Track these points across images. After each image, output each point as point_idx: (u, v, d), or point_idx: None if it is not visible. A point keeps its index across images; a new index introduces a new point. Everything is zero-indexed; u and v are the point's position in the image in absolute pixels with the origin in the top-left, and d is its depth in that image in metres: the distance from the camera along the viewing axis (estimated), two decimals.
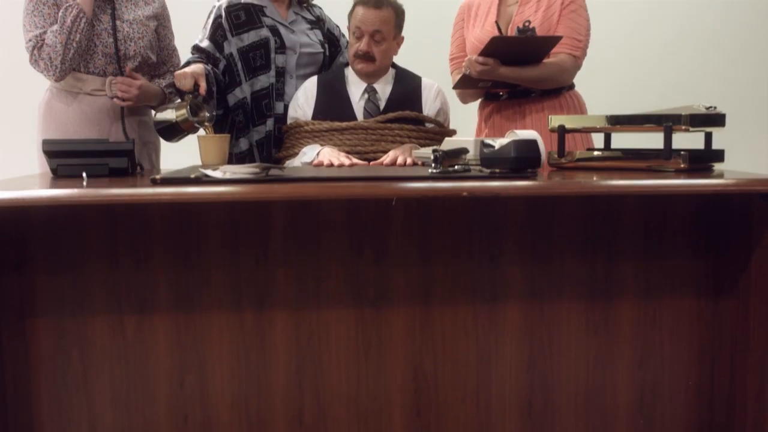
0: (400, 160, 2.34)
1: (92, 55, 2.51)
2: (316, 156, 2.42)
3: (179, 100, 2.45)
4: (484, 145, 1.97)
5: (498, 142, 1.93)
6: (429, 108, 2.62)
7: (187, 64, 2.58)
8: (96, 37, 2.51)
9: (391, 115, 2.54)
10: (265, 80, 2.67)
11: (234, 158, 2.66)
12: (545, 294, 2.03)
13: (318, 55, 2.76)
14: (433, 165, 1.90)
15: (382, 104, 2.58)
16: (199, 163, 2.45)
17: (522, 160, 1.86)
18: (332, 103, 2.58)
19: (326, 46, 2.80)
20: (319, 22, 2.83)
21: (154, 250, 1.96)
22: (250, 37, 2.66)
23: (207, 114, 2.43)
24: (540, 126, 2.56)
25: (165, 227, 1.95)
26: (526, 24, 2.44)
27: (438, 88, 2.66)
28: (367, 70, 2.58)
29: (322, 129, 2.53)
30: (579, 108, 2.66)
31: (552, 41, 2.48)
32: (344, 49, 2.85)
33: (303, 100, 2.62)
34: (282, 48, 2.67)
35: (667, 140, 2.05)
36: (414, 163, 2.35)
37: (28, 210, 1.93)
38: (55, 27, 2.44)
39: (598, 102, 2.85)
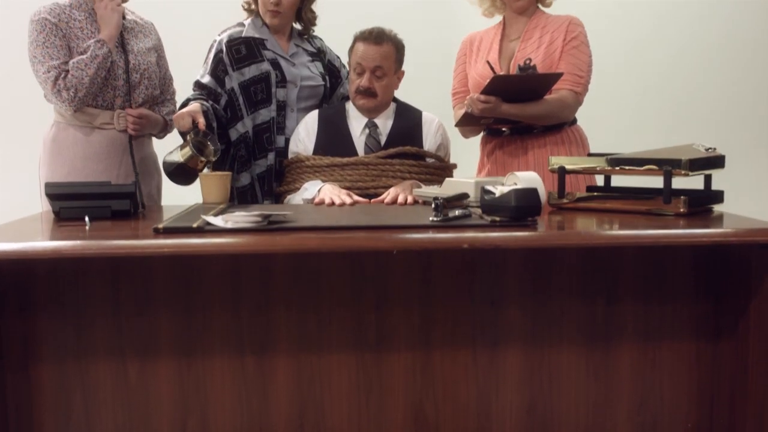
0: (400, 199, 2.35)
1: (102, 89, 2.53)
2: (317, 193, 2.43)
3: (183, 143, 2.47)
4: (484, 191, 1.98)
5: (498, 190, 1.94)
6: (430, 143, 2.63)
7: (186, 102, 2.60)
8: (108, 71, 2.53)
9: (391, 150, 2.55)
10: (266, 114, 2.69)
11: (236, 192, 2.68)
12: (545, 337, 2.04)
13: (319, 88, 2.77)
14: (433, 213, 1.92)
15: (383, 139, 2.60)
16: (201, 197, 2.47)
17: (522, 209, 1.88)
18: (333, 137, 2.59)
19: (327, 78, 2.81)
20: (320, 54, 2.84)
21: (156, 295, 1.97)
22: (251, 71, 2.68)
23: (213, 148, 2.43)
24: (542, 161, 2.58)
25: (167, 273, 1.97)
26: (527, 62, 2.45)
27: (438, 122, 2.67)
28: (369, 106, 2.59)
29: (323, 164, 2.54)
30: (581, 143, 2.67)
31: (553, 78, 2.49)
32: (345, 80, 2.86)
33: (304, 135, 2.63)
34: (283, 81, 2.69)
35: (667, 185, 2.07)
36: (415, 201, 2.36)
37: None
38: (84, 59, 2.46)
39: (602, 114, 2.83)
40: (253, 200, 2.72)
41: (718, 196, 2.22)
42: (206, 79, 2.68)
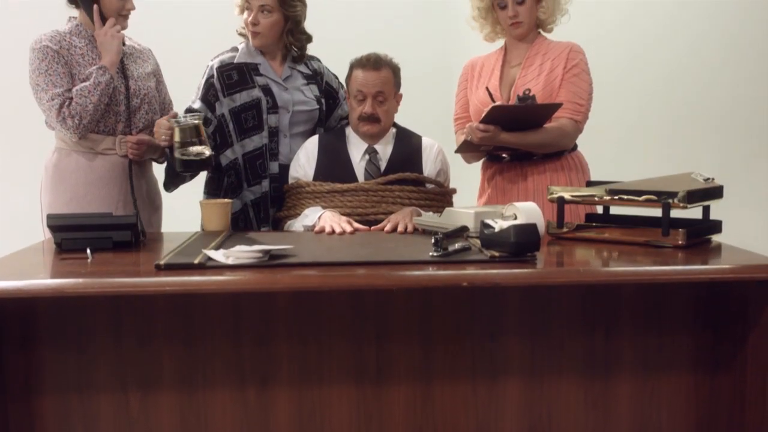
0: (400, 228, 2.37)
1: (104, 114, 2.54)
2: (318, 220, 2.44)
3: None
4: (484, 225, 2.00)
5: (498, 225, 1.96)
6: (429, 168, 2.64)
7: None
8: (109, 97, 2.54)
9: (391, 176, 2.56)
10: (257, 140, 2.69)
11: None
12: (544, 369, 2.05)
13: (313, 112, 2.78)
14: (433, 248, 1.93)
15: (383, 165, 2.61)
16: (202, 224, 2.48)
17: (521, 245, 1.89)
18: (333, 163, 2.61)
19: (323, 101, 2.81)
20: (316, 76, 2.83)
21: (157, 329, 1.99)
22: (242, 98, 2.68)
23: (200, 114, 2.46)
24: (541, 188, 2.59)
25: (168, 306, 1.98)
26: (526, 92, 2.47)
27: (438, 148, 2.69)
28: (373, 132, 2.60)
29: (323, 190, 2.56)
30: (581, 169, 2.68)
31: (552, 108, 2.50)
32: (343, 101, 2.87)
33: (304, 160, 2.64)
34: (274, 108, 2.69)
35: (665, 217, 2.08)
36: (415, 229, 2.37)
37: None
38: (87, 86, 2.46)
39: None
40: (246, 226, 2.72)
41: (717, 226, 2.23)
42: (197, 105, 2.69)
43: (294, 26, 2.73)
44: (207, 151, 2.36)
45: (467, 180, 2.91)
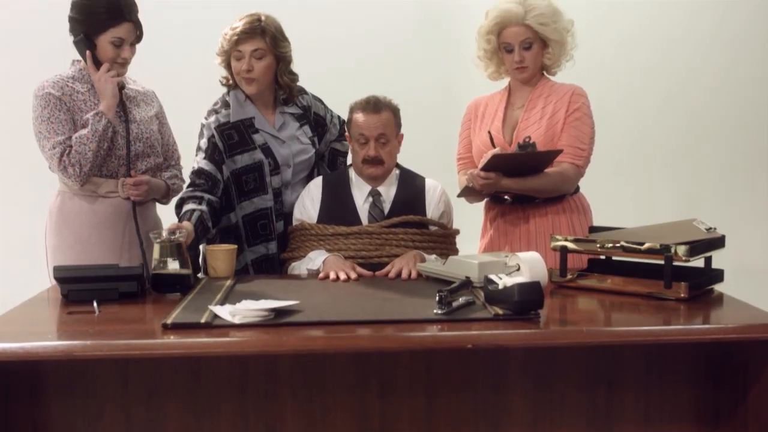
0: (404, 274, 2.38)
1: (106, 159, 2.55)
2: (322, 265, 2.46)
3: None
4: (487, 280, 2.01)
5: (501, 281, 1.97)
6: (433, 210, 2.66)
7: (181, 204, 2.59)
8: (111, 141, 2.55)
9: (395, 220, 2.58)
10: (259, 202, 2.69)
11: None
12: (547, 423, 2.06)
13: (311, 158, 2.79)
14: (437, 305, 1.94)
15: (386, 207, 2.62)
16: (207, 270, 2.49)
17: (525, 303, 1.90)
18: (336, 205, 2.62)
19: (316, 139, 2.82)
20: (306, 113, 2.83)
21: (163, 382, 2.00)
22: (243, 160, 2.67)
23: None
24: (543, 230, 2.61)
25: (175, 364, 1.99)
26: (527, 139, 2.48)
27: (441, 190, 2.70)
28: (377, 174, 2.62)
29: (327, 233, 2.57)
30: (583, 212, 2.69)
31: (553, 155, 2.52)
32: (330, 125, 2.89)
33: (309, 203, 2.65)
34: (276, 168, 2.69)
35: (667, 271, 2.10)
36: (419, 275, 2.39)
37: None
38: (85, 134, 2.48)
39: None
40: None
41: (718, 276, 2.25)
42: (206, 165, 2.65)
43: (285, 67, 2.73)
44: (185, 271, 2.26)
45: (470, 218, 2.93)
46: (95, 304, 2.08)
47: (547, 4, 2.61)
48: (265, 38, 2.62)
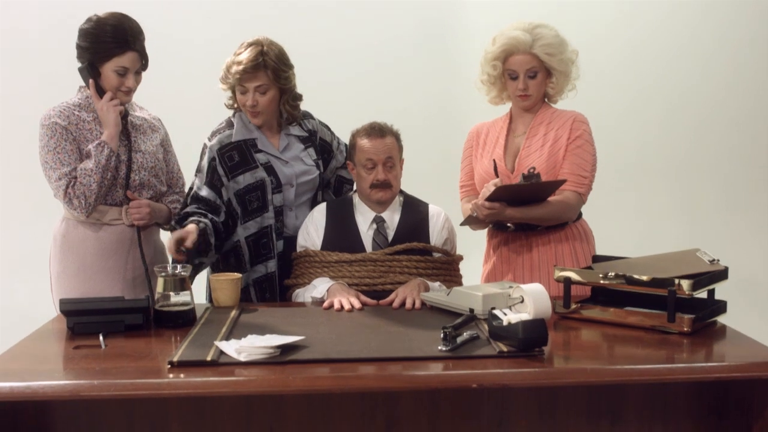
0: (408, 304, 2.39)
1: (110, 187, 2.56)
2: (327, 293, 2.47)
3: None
4: (492, 316, 2.02)
5: (506, 318, 1.98)
6: (436, 237, 2.66)
7: (185, 216, 2.59)
8: (115, 170, 2.56)
9: (399, 247, 2.58)
10: (261, 221, 2.70)
11: None
12: None
13: (315, 180, 2.80)
14: (442, 342, 1.95)
15: (390, 234, 2.63)
16: (212, 299, 2.50)
17: (529, 341, 1.91)
18: (341, 232, 2.63)
19: (320, 162, 2.83)
20: (312, 137, 2.84)
21: (169, 420, 2.01)
22: (245, 179, 2.68)
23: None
24: (546, 258, 2.62)
25: (181, 400, 2.00)
26: (531, 170, 2.49)
27: (445, 216, 2.70)
28: (386, 198, 2.63)
29: (331, 260, 2.58)
30: (585, 239, 2.70)
31: (556, 185, 2.53)
32: (336, 151, 2.91)
33: (312, 230, 2.66)
34: (278, 187, 2.70)
35: (671, 305, 2.11)
36: (423, 304, 2.40)
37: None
38: (89, 165, 2.48)
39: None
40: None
41: (722, 308, 2.26)
42: (205, 192, 2.66)
43: (288, 95, 2.74)
44: (188, 306, 2.27)
45: (473, 242, 2.94)
46: (101, 338, 2.09)
47: (554, 34, 2.61)
48: (267, 72, 2.62)
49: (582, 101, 2.78)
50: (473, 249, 2.93)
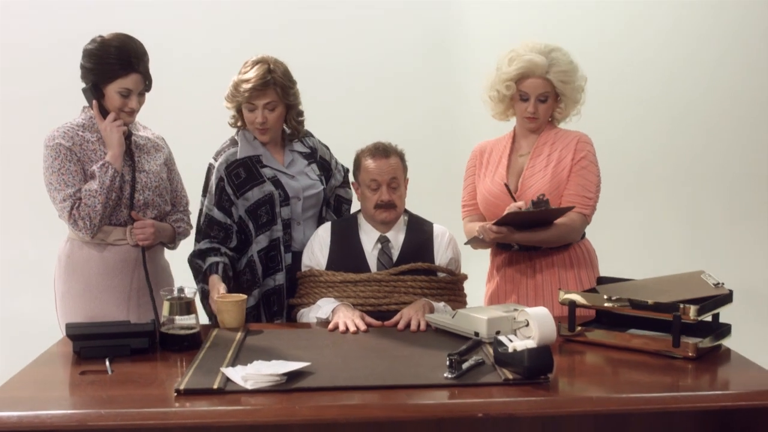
0: (413, 326, 2.40)
1: (115, 207, 2.56)
2: (332, 314, 2.47)
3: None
4: (498, 342, 2.03)
5: (511, 345, 1.98)
6: (441, 257, 2.67)
7: (202, 254, 2.63)
8: (120, 190, 2.56)
9: (403, 267, 2.59)
10: (270, 234, 2.70)
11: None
12: None
13: (320, 194, 2.81)
14: (448, 369, 1.96)
15: (395, 254, 2.63)
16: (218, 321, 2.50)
17: (535, 369, 1.92)
18: (346, 252, 2.64)
19: (323, 178, 2.84)
20: (314, 154, 2.85)
21: None
22: (254, 195, 2.68)
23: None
24: (550, 280, 2.63)
25: (187, 429, 2.00)
26: (541, 197, 2.48)
27: (450, 236, 2.71)
28: (391, 218, 2.63)
29: (336, 280, 2.59)
30: (589, 261, 2.70)
31: (564, 212, 2.54)
32: (335, 171, 2.92)
33: (317, 249, 2.67)
34: (286, 200, 2.71)
35: (676, 331, 2.11)
36: (428, 326, 2.41)
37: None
38: (93, 186, 2.49)
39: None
40: (257, 320, 2.72)
41: (726, 331, 2.26)
42: (216, 214, 2.68)
43: (293, 111, 2.76)
44: (194, 330, 2.27)
45: (476, 260, 2.94)
46: (108, 363, 2.09)
47: (569, 60, 2.62)
48: (276, 89, 2.64)
49: (586, 112, 2.78)
50: (476, 266, 2.93)
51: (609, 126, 4.41)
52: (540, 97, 2.63)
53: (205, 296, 2.63)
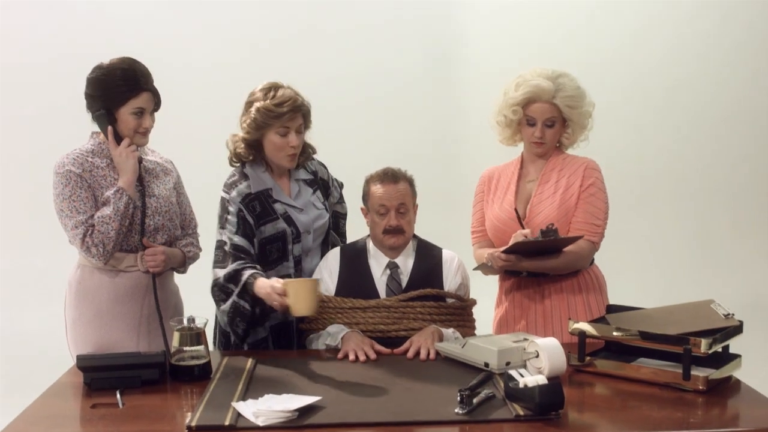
0: (422, 354, 2.40)
1: (127, 234, 2.56)
2: (341, 342, 2.48)
3: None
4: (508, 377, 2.03)
5: (522, 380, 1.99)
6: (450, 283, 2.67)
7: (237, 273, 2.56)
8: (131, 216, 2.56)
9: (412, 293, 2.59)
10: (280, 270, 2.68)
11: (249, 348, 2.68)
12: None
13: (326, 222, 2.80)
14: (459, 405, 1.96)
15: (404, 280, 2.63)
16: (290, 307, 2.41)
17: (546, 405, 1.92)
18: (355, 278, 2.64)
19: (326, 204, 2.83)
20: (317, 179, 2.83)
21: None
22: (267, 230, 2.66)
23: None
24: (559, 307, 2.63)
25: None
26: (550, 226, 2.49)
27: (459, 261, 2.71)
28: (399, 244, 2.63)
29: (346, 307, 2.59)
30: (598, 288, 2.71)
31: (573, 240, 2.54)
32: (332, 188, 2.90)
33: (327, 275, 2.67)
34: (298, 237, 2.69)
35: (686, 363, 2.11)
36: (437, 354, 2.41)
37: None
38: (107, 212, 2.49)
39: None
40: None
41: (737, 363, 2.26)
42: (241, 241, 2.61)
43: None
44: (203, 360, 2.27)
45: (485, 284, 2.95)
46: (119, 396, 2.10)
47: (576, 86, 2.62)
48: (303, 113, 2.64)
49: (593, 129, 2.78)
50: (485, 290, 2.93)
51: (616, 138, 4.42)
52: (547, 122, 2.63)
53: (238, 313, 2.56)
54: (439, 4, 4.64)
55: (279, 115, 2.59)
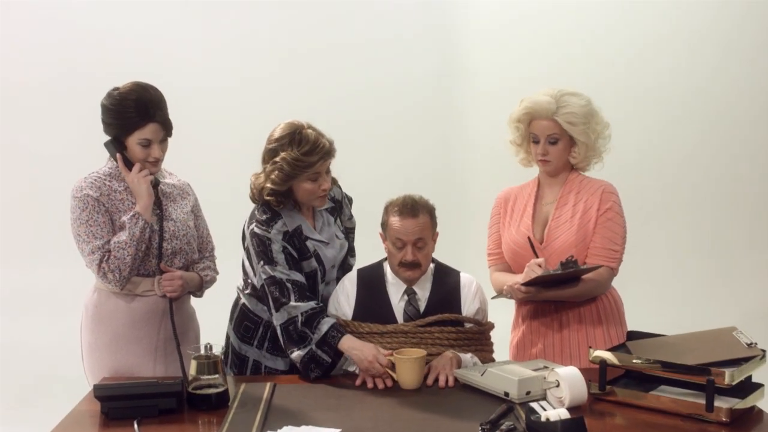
0: (441, 382, 2.39)
1: (144, 258, 2.55)
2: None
3: None
4: (530, 410, 2.01)
5: (544, 414, 1.97)
6: (468, 307, 2.64)
7: (311, 321, 2.48)
8: (148, 240, 2.55)
9: (430, 318, 2.57)
10: None
11: (266, 372, 2.67)
12: None
13: (345, 249, 2.78)
14: None
15: (422, 305, 2.61)
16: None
17: None
18: (372, 303, 2.61)
19: (343, 227, 2.80)
20: (335, 204, 2.78)
21: None
22: (305, 268, 2.61)
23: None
24: (578, 338, 2.60)
25: None
26: (570, 258, 2.46)
27: (477, 285, 2.68)
28: (414, 277, 2.59)
29: (363, 332, 2.57)
30: (616, 310, 2.68)
31: (592, 269, 2.51)
32: (344, 206, 2.84)
33: (343, 299, 2.64)
34: (324, 276, 2.66)
35: (709, 396, 2.08)
36: (456, 381, 2.39)
37: None
38: (123, 238, 2.48)
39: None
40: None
41: (760, 393, 2.23)
42: (298, 277, 2.55)
43: None
44: (221, 389, 2.26)
45: (501, 306, 2.92)
46: (136, 427, 2.09)
47: (582, 104, 2.58)
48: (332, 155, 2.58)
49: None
50: (501, 309, 2.89)
51: (629, 151, 4.40)
52: (550, 138, 2.60)
53: (314, 361, 2.48)
54: (445, 21, 4.66)
55: (310, 165, 2.51)
